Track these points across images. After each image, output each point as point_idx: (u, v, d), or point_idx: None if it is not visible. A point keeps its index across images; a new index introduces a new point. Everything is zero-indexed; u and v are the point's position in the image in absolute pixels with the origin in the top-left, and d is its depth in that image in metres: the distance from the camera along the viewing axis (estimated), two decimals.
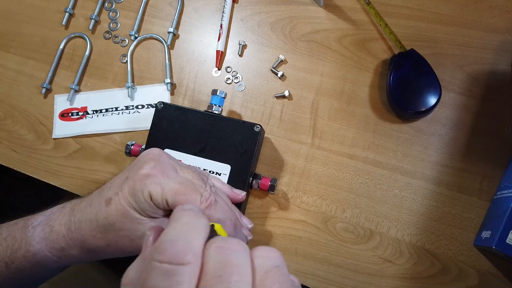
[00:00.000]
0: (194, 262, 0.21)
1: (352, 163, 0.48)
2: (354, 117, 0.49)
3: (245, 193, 0.43)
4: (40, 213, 0.41)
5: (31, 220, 0.40)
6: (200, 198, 0.35)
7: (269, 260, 0.22)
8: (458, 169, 0.46)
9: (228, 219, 0.37)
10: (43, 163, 0.54)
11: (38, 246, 0.38)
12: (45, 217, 0.39)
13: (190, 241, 0.22)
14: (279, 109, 0.51)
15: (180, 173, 0.37)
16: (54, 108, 0.55)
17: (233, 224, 0.38)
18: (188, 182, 0.36)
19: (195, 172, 0.38)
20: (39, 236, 0.38)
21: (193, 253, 0.21)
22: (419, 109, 0.46)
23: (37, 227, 0.39)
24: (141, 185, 0.35)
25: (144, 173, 0.35)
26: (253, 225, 0.43)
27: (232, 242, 0.22)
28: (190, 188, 0.35)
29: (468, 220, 0.45)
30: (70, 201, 0.40)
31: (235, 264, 0.21)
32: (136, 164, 0.37)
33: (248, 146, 0.44)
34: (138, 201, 0.35)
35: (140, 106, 0.53)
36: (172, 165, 0.37)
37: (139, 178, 0.35)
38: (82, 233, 0.37)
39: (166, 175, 0.35)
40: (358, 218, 0.47)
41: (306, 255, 0.47)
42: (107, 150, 0.53)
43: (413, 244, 0.46)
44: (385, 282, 0.46)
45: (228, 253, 0.21)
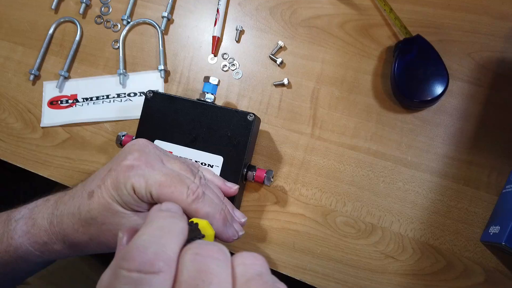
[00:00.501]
0: (166, 270, 0.19)
1: (354, 154, 0.46)
2: (356, 107, 0.47)
3: (238, 186, 0.41)
4: (24, 205, 0.39)
5: (14, 213, 0.38)
6: (186, 191, 0.33)
7: (251, 267, 0.20)
8: (465, 162, 0.44)
9: (217, 213, 0.35)
10: (31, 152, 0.52)
11: (20, 240, 0.36)
12: (29, 210, 0.38)
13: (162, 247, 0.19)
14: (278, 98, 0.48)
15: (166, 165, 0.35)
16: (43, 96, 0.53)
17: (222, 218, 0.35)
18: (174, 173, 0.34)
19: (183, 163, 0.36)
20: (21, 229, 0.36)
21: (165, 260, 0.19)
22: (425, 98, 0.44)
23: (20, 220, 0.37)
24: (124, 177, 0.33)
25: (127, 164, 0.33)
26: (246, 219, 0.40)
27: (210, 248, 0.20)
28: (176, 180, 0.33)
29: (475, 215, 0.43)
30: (55, 194, 0.39)
31: (213, 272, 0.19)
32: (120, 155, 0.35)
33: (241, 136, 0.42)
34: (121, 194, 0.33)
35: (132, 94, 0.51)
36: (158, 156, 0.35)
37: (122, 170, 0.33)
38: (64, 227, 0.35)
39: (150, 167, 0.34)
40: (360, 212, 0.45)
41: (304, 250, 0.45)
42: (97, 140, 0.51)
43: (417, 239, 0.44)
44: (387, 279, 0.44)
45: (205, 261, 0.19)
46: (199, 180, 0.36)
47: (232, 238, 0.37)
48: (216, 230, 0.35)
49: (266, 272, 0.21)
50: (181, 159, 0.38)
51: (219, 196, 0.38)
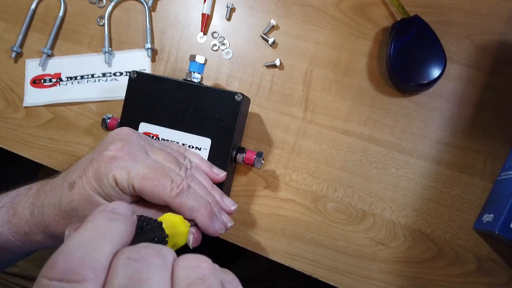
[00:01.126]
0: (92, 279, 0.17)
1: (347, 139, 0.45)
2: (350, 90, 0.45)
3: (225, 173, 0.39)
4: (6, 193, 0.37)
5: None
6: (170, 184, 0.32)
7: (194, 270, 0.19)
8: (460, 147, 0.43)
9: (202, 207, 0.33)
10: (13, 133, 0.50)
11: (1, 229, 0.35)
12: (10, 199, 0.36)
13: (92, 251, 0.18)
14: (269, 80, 0.47)
15: (151, 155, 0.34)
16: (25, 74, 0.51)
17: (208, 212, 0.34)
18: (158, 165, 0.33)
19: (168, 154, 0.35)
20: (2, 218, 0.35)
21: (91, 267, 0.17)
22: (421, 81, 0.42)
23: (1, 209, 0.36)
24: (105, 168, 0.32)
25: (109, 155, 0.32)
26: (236, 206, 0.38)
27: (145, 251, 0.18)
28: (159, 173, 0.32)
29: (469, 202, 0.42)
30: (37, 182, 0.37)
31: (147, 279, 0.17)
32: (102, 145, 0.34)
33: (230, 117, 0.40)
34: (102, 185, 0.32)
35: (118, 73, 0.49)
36: (142, 146, 0.34)
37: (104, 161, 0.32)
38: (45, 218, 0.34)
39: (133, 158, 0.32)
40: (351, 198, 0.44)
41: (294, 236, 0.44)
42: (82, 121, 0.49)
43: (409, 226, 0.43)
44: (377, 266, 0.43)
45: (138, 266, 0.18)
46: (184, 171, 0.35)
47: (219, 232, 0.35)
48: (201, 225, 0.34)
49: (209, 275, 0.19)
50: (166, 149, 0.36)
51: (206, 186, 0.37)
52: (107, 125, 0.44)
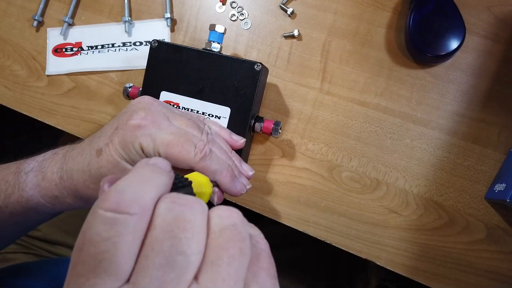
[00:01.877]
0: (141, 213, 0.19)
1: (363, 110, 0.46)
2: (368, 61, 0.46)
3: (244, 139, 0.40)
4: (33, 157, 0.39)
5: (23, 165, 0.38)
6: (194, 150, 0.34)
7: (226, 218, 0.21)
8: (475, 119, 0.43)
9: (224, 169, 0.35)
10: (37, 101, 0.52)
11: (31, 192, 0.37)
12: (38, 163, 0.38)
13: (140, 191, 0.20)
14: (287, 50, 0.47)
15: (173, 122, 0.35)
16: (47, 43, 0.52)
17: (230, 174, 0.36)
18: (181, 132, 0.34)
19: (189, 119, 0.36)
20: (31, 182, 0.37)
21: (140, 204, 0.19)
22: (439, 52, 0.42)
23: (30, 173, 0.37)
24: (131, 137, 0.33)
25: (134, 124, 0.33)
26: (254, 172, 0.40)
27: (188, 198, 0.20)
28: (183, 139, 0.33)
29: (481, 173, 0.43)
30: (62, 147, 0.39)
31: (188, 220, 0.19)
32: (125, 113, 0.35)
33: (249, 87, 0.41)
34: (129, 152, 0.33)
35: (138, 43, 0.50)
36: (164, 114, 0.35)
37: (129, 129, 0.33)
38: (74, 182, 0.35)
39: (157, 126, 0.34)
40: (365, 168, 0.45)
41: (309, 203, 0.46)
42: (103, 90, 0.51)
43: (421, 195, 0.44)
44: (389, 233, 0.44)
45: (182, 209, 0.20)
46: (206, 136, 0.36)
47: (240, 193, 0.37)
48: (224, 186, 0.36)
49: (240, 224, 0.21)
50: (187, 115, 0.37)
51: (226, 151, 0.38)
52: (129, 93, 0.46)
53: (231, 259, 0.19)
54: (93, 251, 0.18)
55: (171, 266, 0.18)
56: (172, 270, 0.18)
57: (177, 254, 0.18)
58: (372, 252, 0.45)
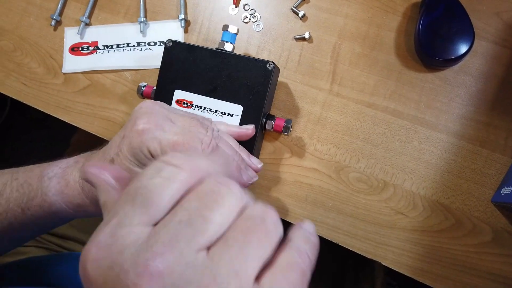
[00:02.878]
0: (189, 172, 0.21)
1: (371, 112, 0.46)
2: (377, 64, 0.47)
3: (253, 126, 0.42)
4: (56, 163, 0.40)
5: (47, 169, 0.39)
6: (200, 145, 0.35)
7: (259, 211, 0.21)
8: (483, 123, 0.44)
9: (232, 161, 0.37)
10: (53, 97, 0.53)
11: (54, 198, 0.38)
12: (61, 170, 0.39)
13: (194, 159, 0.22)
14: (298, 52, 0.48)
15: (176, 122, 0.36)
16: (64, 42, 0.53)
17: (236, 165, 0.37)
18: (185, 130, 0.35)
19: (192, 118, 0.37)
20: (54, 188, 0.38)
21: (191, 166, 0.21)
22: (448, 56, 0.43)
23: (53, 178, 0.38)
24: (138, 143, 0.34)
25: (138, 130, 0.34)
26: (262, 164, 0.42)
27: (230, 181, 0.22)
28: (189, 137, 0.34)
29: (488, 176, 0.44)
30: (82, 155, 0.40)
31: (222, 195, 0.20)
32: (130, 121, 0.36)
33: (261, 85, 0.42)
34: (139, 158, 0.35)
35: (152, 43, 0.51)
36: (166, 116, 0.36)
37: (134, 136, 0.34)
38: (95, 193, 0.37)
39: (161, 128, 0.35)
40: (373, 169, 0.46)
41: (316, 203, 0.47)
42: (117, 88, 0.52)
43: (428, 197, 0.45)
44: (395, 234, 0.45)
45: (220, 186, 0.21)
46: (211, 132, 0.37)
47: (248, 183, 0.39)
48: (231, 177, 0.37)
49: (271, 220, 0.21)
50: (189, 114, 0.38)
51: (232, 146, 0.39)
52: (143, 92, 0.47)
53: (246, 244, 0.19)
54: (137, 185, 0.20)
55: (189, 225, 0.19)
56: (188, 228, 0.19)
57: (199, 217, 0.19)
58: (378, 253, 0.45)
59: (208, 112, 0.44)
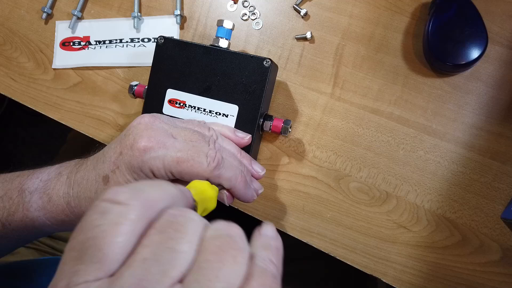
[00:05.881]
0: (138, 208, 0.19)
1: (375, 118, 0.43)
2: (382, 67, 0.44)
3: (250, 136, 0.39)
4: (37, 174, 0.37)
5: (27, 183, 0.37)
6: (206, 160, 0.32)
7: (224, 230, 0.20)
8: (494, 133, 0.41)
9: (239, 175, 0.35)
10: (42, 94, 0.51)
11: (36, 213, 0.36)
12: (42, 183, 0.36)
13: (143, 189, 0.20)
14: (299, 53, 0.45)
15: (177, 138, 0.34)
16: (55, 36, 0.51)
17: (243, 180, 0.35)
18: (189, 146, 0.33)
19: (194, 132, 0.35)
20: (36, 203, 0.36)
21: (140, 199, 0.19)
22: (459, 61, 0.40)
23: (34, 193, 0.36)
24: (138, 163, 0.32)
25: (139, 148, 0.32)
26: (265, 171, 0.40)
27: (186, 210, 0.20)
28: (192, 152, 0.32)
29: (499, 191, 0.41)
30: (65, 166, 0.37)
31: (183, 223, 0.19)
32: (127, 136, 0.34)
33: (257, 84, 0.39)
34: (138, 178, 0.33)
35: (146, 39, 0.49)
36: (167, 131, 0.34)
37: (135, 155, 0.32)
38: (83, 209, 0.35)
39: (163, 146, 0.32)
40: (375, 179, 0.43)
41: (314, 213, 0.44)
42: (109, 86, 0.50)
43: (433, 211, 0.42)
44: (397, 249, 0.42)
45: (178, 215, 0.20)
46: (213, 145, 0.35)
47: (253, 199, 0.37)
48: (238, 193, 0.35)
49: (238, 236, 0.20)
50: (189, 125, 0.36)
51: (235, 155, 0.37)
52: (134, 92, 0.44)
53: (221, 264, 0.18)
54: (82, 238, 0.18)
55: (157, 261, 0.17)
56: (157, 265, 0.17)
57: (164, 250, 0.18)
58: (379, 268, 0.43)
59: (202, 113, 0.41)
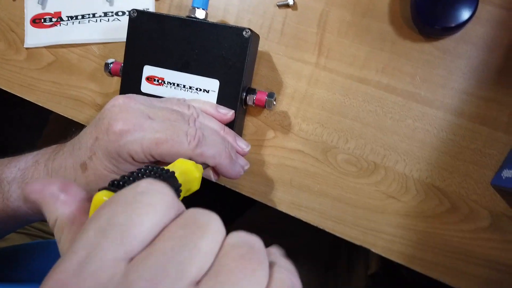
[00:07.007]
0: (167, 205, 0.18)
1: (362, 87, 0.42)
2: (369, 33, 0.42)
3: (233, 111, 0.38)
4: (14, 162, 0.36)
5: (5, 172, 0.36)
6: (186, 139, 0.31)
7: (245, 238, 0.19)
8: (485, 99, 0.40)
9: (223, 152, 0.33)
10: (16, 75, 0.49)
11: (17, 203, 0.35)
12: (20, 172, 0.35)
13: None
14: (281, 21, 0.43)
15: (155, 118, 0.32)
16: (25, 13, 0.48)
17: (228, 156, 0.34)
18: (167, 125, 0.32)
19: (172, 111, 0.34)
20: (15, 193, 0.35)
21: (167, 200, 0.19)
22: (448, 24, 0.38)
23: (12, 183, 0.35)
24: (116, 147, 0.31)
25: (115, 132, 0.31)
26: (250, 147, 0.39)
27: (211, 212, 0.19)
28: (171, 132, 0.31)
29: (489, 157, 0.40)
30: (42, 153, 0.36)
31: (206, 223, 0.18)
32: (102, 120, 0.32)
33: (238, 56, 0.38)
34: (117, 164, 0.31)
35: (120, 13, 0.46)
36: (143, 112, 0.32)
37: (111, 140, 0.31)
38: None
39: (140, 128, 0.31)
40: (363, 150, 0.42)
41: (301, 187, 0.43)
42: (85, 64, 0.47)
43: (422, 180, 0.41)
44: (387, 219, 0.42)
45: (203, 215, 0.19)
46: (193, 123, 0.34)
47: (239, 175, 0.36)
48: (223, 170, 0.34)
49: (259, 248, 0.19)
50: (168, 105, 0.35)
51: (218, 132, 0.36)
52: (110, 70, 0.42)
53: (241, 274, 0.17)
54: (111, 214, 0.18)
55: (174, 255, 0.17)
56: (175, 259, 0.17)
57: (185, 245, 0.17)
58: (368, 239, 0.42)
59: (182, 89, 0.40)
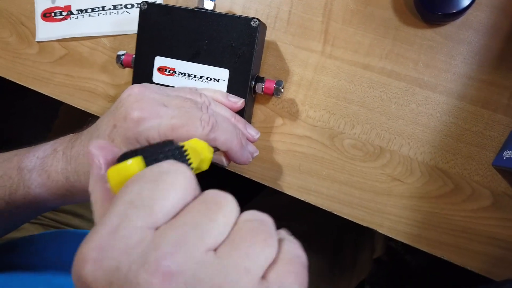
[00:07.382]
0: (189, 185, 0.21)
1: (367, 74, 0.43)
2: (373, 21, 0.43)
3: (243, 100, 0.39)
4: (33, 151, 0.38)
5: (24, 161, 0.37)
6: (200, 124, 0.33)
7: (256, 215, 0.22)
8: (486, 82, 0.41)
9: (234, 138, 0.35)
10: (29, 69, 0.50)
11: (38, 190, 0.36)
12: (39, 160, 0.37)
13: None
14: (287, 10, 0.44)
15: (169, 106, 0.34)
16: (35, 7, 0.49)
17: (239, 142, 0.36)
18: (182, 112, 0.33)
19: (186, 99, 0.35)
20: (36, 181, 0.36)
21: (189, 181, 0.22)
22: (449, 10, 0.39)
23: (33, 171, 0.36)
24: (134, 134, 0.32)
25: (133, 119, 0.32)
26: (259, 134, 0.41)
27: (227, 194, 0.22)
28: (186, 118, 0.33)
29: (490, 139, 0.41)
30: (60, 142, 0.37)
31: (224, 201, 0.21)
32: (119, 108, 0.33)
33: (247, 46, 0.39)
34: None
35: (129, 5, 0.47)
36: (159, 101, 0.34)
37: (129, 127, 0.32)
38: (83, 184, 0.35)
39: (156, 115, 0.33)
40: (368, 135, 0.44)
41: (310, 172, 0.45)
42: (96, 56, 0.49)
43: (426, 162, 0.43)
44: (392, 201, 0.43)
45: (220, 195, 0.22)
46: (206, 110, 0.35)
47: (248, 161, 0.38)
48: (234, 156, 0.36)
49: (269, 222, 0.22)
50: (181, 94, 0.36)
51: (229, 119, 0.37)
52: (122, 61, 0.44)
53: (252, 243, 0.20)
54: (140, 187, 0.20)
55: (195, 226, 0.19)
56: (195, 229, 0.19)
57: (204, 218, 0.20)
58: (374, 220, 0.44)
59: (193, 79, 0.41)
